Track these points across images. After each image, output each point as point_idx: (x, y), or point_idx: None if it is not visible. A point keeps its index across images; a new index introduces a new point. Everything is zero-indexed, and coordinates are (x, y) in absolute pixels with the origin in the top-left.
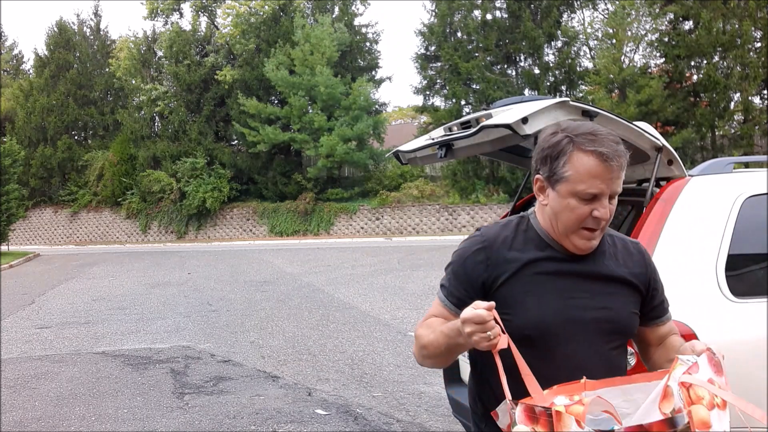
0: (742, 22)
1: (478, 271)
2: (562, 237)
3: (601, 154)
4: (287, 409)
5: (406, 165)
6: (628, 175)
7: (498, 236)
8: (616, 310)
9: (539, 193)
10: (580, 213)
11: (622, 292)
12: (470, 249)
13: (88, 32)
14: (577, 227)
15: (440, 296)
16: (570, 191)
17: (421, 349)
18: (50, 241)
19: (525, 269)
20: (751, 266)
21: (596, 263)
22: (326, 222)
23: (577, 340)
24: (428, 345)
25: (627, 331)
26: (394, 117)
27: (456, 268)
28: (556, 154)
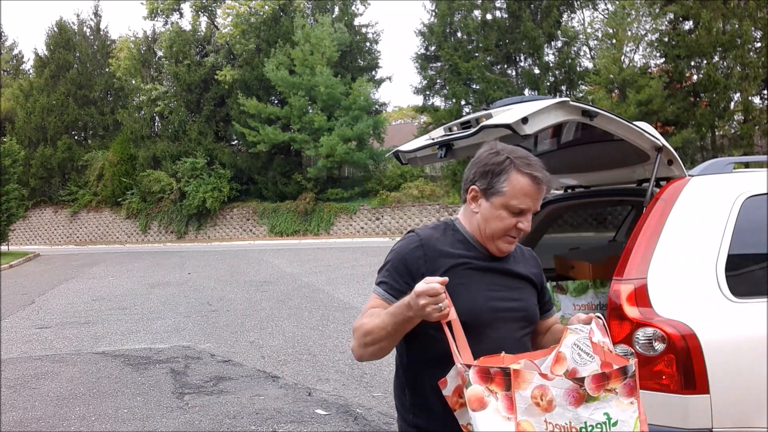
0: (742, 22)
1: (418, 265)
2: (487, 241)
3: (535, 178)
4: (287, 409)
5: (406, 165)
6: (628, 175)
7: (431, 236)
8: (525, 302)
9: (472, 202)
10: (508, 223)
11: (527, 287)
12: (409, 246)
13: (88, 32)
14: (503, 234)
15: (379, 292)
16: (503, 204)
17: (363, 336)
18: (50, 241)
19: (457, 265)
20: (751, 266)
21: (509, 263)
22: (326, 222)
23: (498, 326)
24: (372, 330)
25: (533, 320)
26: (394, 117)
27: (396, 264)
28: (498, 172)
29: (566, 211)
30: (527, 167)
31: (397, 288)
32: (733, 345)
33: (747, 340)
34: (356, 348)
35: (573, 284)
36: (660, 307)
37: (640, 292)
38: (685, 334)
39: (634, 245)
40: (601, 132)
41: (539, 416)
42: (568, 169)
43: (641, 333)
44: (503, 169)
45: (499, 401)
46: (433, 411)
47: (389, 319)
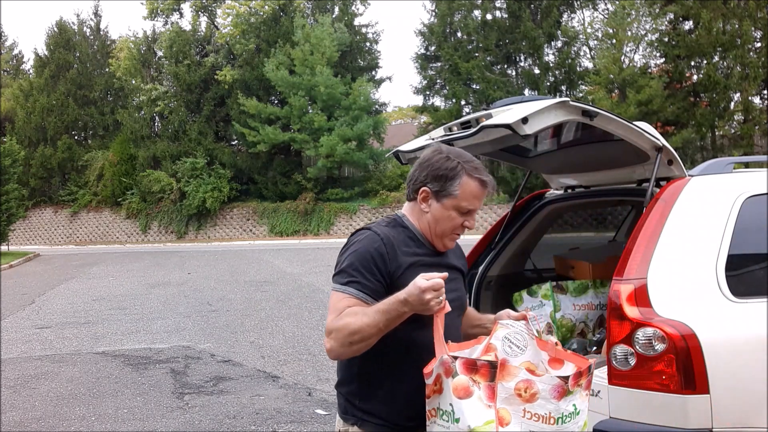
0: (742, 22)
1: (384, 262)
2: (435, 238)
3: (483, 182)
4: (287, 409)
5: (406, 165)
6: (628, 175)
7: (389, 234)
8: (461, 292)
9: (422, 202)
10: (456, 223)
11: (459, 278)
12: (373, 245)
13: (88, 32)
14: (451, 233)
15: (352, 292)
16: (454, 206)
17: (350, 336)
18: (50, 241)
19: (415, 262)
20: (751, 266)
21: (447, 257)
22: (326, 222)
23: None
24: (361, 328)
25: (465, 308)
26: (394, 117)
27: (364, 263)
28: (451, 176)
29: (566, 211)
30: (476, 172)
31: (370, 287)
32: (733, 345)
33: (747, 340)
34: (337, 347)
35: (573, 284)
36: (660, 307)
37: (640, 292)
38: (685, 334)
39: (634, 245)
40: (601, 132)
41: (519, 405)
42: (568, 169)
43: (641, 333)
44: (456, 174)
45: (482, 390)
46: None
47: (381, 316)
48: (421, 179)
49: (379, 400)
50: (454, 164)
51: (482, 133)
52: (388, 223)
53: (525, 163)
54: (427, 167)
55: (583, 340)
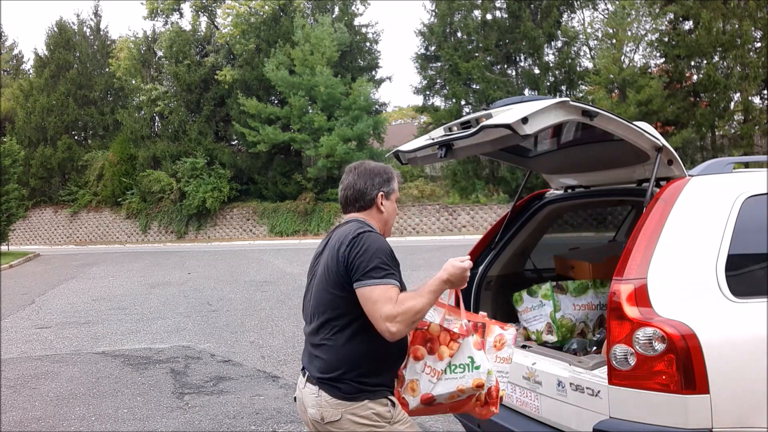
0: (742, 22)
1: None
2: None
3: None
4: (287, 409)
5: (406, 165)
6: (628, 175)
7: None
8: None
9: (381, 205)
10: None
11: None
12: (386, 243)
13: (88, 32)
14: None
15: (392, 282)
16: (396, 198)
17: (414, 315)
18: (50, 241)
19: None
20: (751, 266)
21: None
22: (326, 222)
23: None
24: (423, 308)
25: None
26: (394, 117)
27: (388, 258)
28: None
29: (566, 211)
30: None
31: (398, 276)
32: (733, 345)
33: (747, 340)
34: (403, 329)
35: (573, 284)
36: (660, 307)
37: (640, 292)
38: (685, 334)
39: (634, 245)
40: (601, 132)
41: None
42: (568, 169)
43: (641, 333)
44: (391, 174)
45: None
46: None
47: (433, 296)
48: (373, 187)
49: (386, 373)
50: (386, 167)
51: (482, 133)
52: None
53: (525, 163)
54: (373, 176)
55: (583, 340)
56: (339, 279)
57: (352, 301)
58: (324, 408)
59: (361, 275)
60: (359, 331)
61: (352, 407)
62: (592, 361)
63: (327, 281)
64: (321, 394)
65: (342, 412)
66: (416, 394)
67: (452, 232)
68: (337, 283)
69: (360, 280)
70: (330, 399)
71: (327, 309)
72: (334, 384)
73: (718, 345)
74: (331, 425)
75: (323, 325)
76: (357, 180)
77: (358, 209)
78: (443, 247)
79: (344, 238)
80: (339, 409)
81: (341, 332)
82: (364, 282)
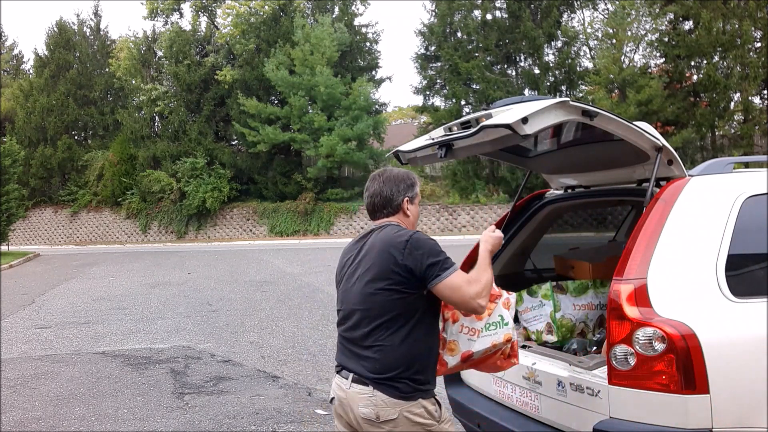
0: (742, 22)
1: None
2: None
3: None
4: (287, 409)
5: (406, 165)
6: (628, 175)
7: None
8: None
9: (407, 210)
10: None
11: None
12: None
13: (88, 32)
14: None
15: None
16: (419, 201)
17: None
18: (50, 241)
19: None
20: (751, 266)
21: None
22: (326, 222)
23: None
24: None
25: None
26: (394, 117)
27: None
28: (414, 182)
29: (566, 211)
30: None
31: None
32: (733, 345)
33: (747, 340)
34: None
35: (573, 284)
36: (660, 307)
37: (640, 292)
38: (685, 334)
39: (634, 245)
40: (601, 132)
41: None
42: (568, 169)
43: (641, 333)
44: (414, 179)
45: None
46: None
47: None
48: (399, 193)
49: (433, 371)
50: (408, 174)
51: (482, 133)
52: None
53: (525, 163)
54: (397, 183)
55: (583, 340)
56: (399, 282)
57: (410, 302)
58: (380, 407)
59: (436, 273)
60: (412, 331)
61: (408, 406)
62: (592, 361)
63: (380, 285)
64: (376, 394)
65: (399, 411)
66: (455, 353)
67: (452, 232)
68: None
69: (437, 276)
70: (387, 399)
71: (381, 311)
72: (391, 384)
73: (718, 345)
74: (386, 424)
75: (377, 328)
76: (383, 187)
77: (386, 215)
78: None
79: (393, 244)
80: (396, 408)
81: (396, 333)
82: (441, 276)
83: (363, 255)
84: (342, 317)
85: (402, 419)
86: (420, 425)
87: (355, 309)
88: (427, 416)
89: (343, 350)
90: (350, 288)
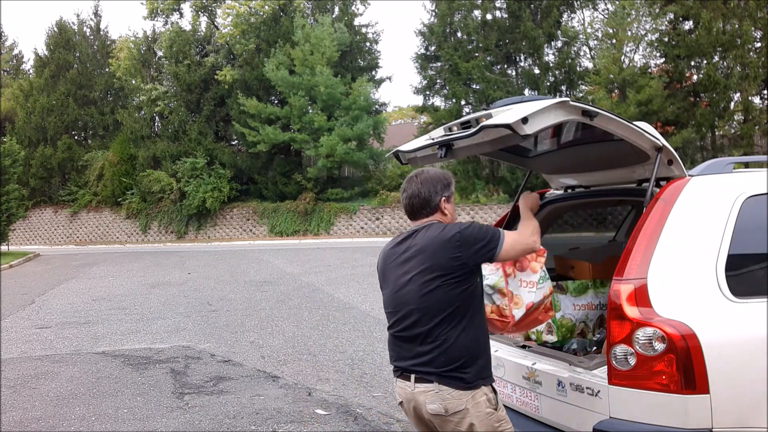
0: (742, 22)
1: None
2: None
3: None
4: (287, 409)
5: (406, 165)
6: (628, 175)
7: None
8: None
9: (444, 208)
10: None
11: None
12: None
13: (88, 32)
14: None
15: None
16: (453, 200)
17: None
18: (50, 241)
19: None
20: (751, 266)
21: None
22: (326, 222)
23: None
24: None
25: None
26: (394, 117)
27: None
28: (450, 182)
29: (566, 211)
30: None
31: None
32: (733, 345)
33: (747, 340)
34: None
35: (573, 284)
36: (660, 307)
37: (640, 292)
38: (685, 334)
39: (634, 245)
40: (601, 132)
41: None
42: (568, 169)
43: (641, 333)
44: (450, 179)
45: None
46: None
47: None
48: (436, 193)
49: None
50: (444, 174)
51: (482, 133)
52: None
53: (525, 163)
54: (435, 183)
55: (583, 340)
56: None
57: (468, 293)
58: (447, 401)
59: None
60: (471, 320)
61: (472, 394)
62: (592, 361)
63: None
64: (441, 389)
65: (465, 401)
66: (520, 305)
67: None
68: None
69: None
70: (453, 391)
71: (442, 307)
72: (455, 375)
73: (718, 345)
74: (455, 416)
75: (439, 324)
76: (421, 188)
77: (425, 215)
78: None
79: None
80: (463, 399)
81: (457, 326)
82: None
83: (412, 255)
84: (396, 319)
85: (469, 409)
86: (485, 413)
87: (413, 309)
88: (488, 404)
89: (399, 351)
90: (403, 289)
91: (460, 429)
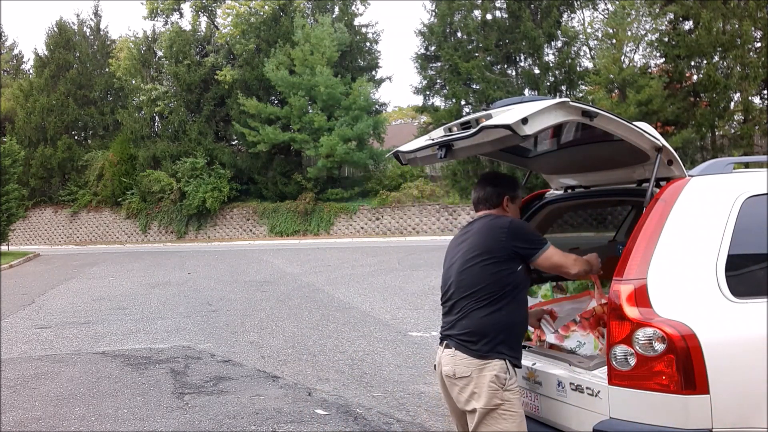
0: (742, 22)
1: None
2: None
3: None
4: (287, 409)
5: (406, 165)
6: (628, 175)
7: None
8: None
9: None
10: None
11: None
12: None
13: (88, 32)
14: None
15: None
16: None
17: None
18: (50, 241)
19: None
20: (751, 266)
21: None
22: (326, 222)
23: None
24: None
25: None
26: (394, 117)
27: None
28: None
29: (566, 211)
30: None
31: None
32: (733, 345)
33: (747, 340)
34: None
35: (573, 284)
36: (660, 307)
37: (640, 292)
38: (685, 335)
39: (634, 245)
40: (601, 132)
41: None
42: (568, 169)
43: (641, 333)
44: (518, 182)
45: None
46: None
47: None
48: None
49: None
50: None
51: (482, 134)
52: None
53: (525, 163)
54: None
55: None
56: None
57: (503, 276)
58: (457, 365)
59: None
60: (500, 302)
61: (480, 364)
62: (592, 361)
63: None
64: (456, 353)
65: (471, 369)
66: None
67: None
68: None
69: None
70: (464, 357)
71: (474, 280)
72: (471, 342)
73: (718, 345)
74: (460, 380)
75: (468, 296)
76: (490, 184)
77: (487, 207)
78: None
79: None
80: (470, 367)
81: (483, 301)
82: (539, 252)
83: (467, 238)
84: (443, 293)
85: (474, 378)
86: (487, 387)
87: (452, 281)
88: (493, 379)
89: (443, 323)
90: (452, 266)
91: (463, 395)
